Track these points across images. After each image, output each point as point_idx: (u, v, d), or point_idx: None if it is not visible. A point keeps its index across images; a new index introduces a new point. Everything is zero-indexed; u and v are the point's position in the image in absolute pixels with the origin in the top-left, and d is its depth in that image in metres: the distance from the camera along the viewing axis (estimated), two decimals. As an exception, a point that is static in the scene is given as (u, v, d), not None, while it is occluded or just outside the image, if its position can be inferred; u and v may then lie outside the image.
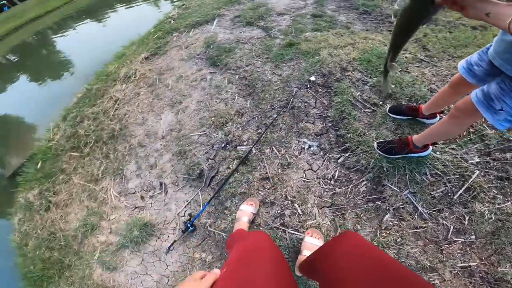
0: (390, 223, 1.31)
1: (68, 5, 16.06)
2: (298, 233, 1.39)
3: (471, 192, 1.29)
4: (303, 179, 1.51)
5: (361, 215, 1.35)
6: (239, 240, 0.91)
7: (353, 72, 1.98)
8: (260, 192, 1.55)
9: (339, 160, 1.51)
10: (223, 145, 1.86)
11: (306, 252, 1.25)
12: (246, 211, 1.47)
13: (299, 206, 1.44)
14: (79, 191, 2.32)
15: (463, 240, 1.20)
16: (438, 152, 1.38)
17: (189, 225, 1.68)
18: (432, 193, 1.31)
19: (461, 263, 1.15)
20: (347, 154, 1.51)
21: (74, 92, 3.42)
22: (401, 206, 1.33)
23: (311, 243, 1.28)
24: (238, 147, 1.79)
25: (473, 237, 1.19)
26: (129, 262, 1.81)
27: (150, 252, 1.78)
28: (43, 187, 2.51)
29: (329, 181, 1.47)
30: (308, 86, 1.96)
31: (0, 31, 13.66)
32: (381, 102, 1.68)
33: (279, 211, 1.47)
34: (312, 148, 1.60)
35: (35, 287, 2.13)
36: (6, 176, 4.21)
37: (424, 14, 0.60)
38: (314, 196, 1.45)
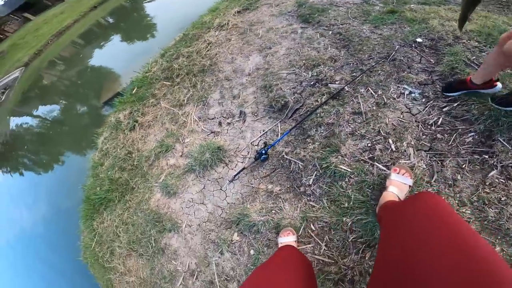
0: (496, 180, 1.19)
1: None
2: (387, 170, 1.34)
3: None
4: (399, 119, 1.46)
5: (463, 166, 1.25)
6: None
7: (468, 41, 1.82)
8: (349, 124, 1.55)
9: (445, 109, 1.42)
10: (312, 82, 1.89)
11: (392, 189, 1.15)
12: (286, 242, 1.35)
13: (393, 143, 1.39)
14: (163, 114, 2.58)
15: None
16: None
17: (263, 151, 1.67)
18: (550, 156, 1.15)
19: None
20: (455, 104, 1.40)
21: (172, 37, 3.81)
22: (511, 165, 1.20)
23: (398, 180, 1.19)
24: (329, 84, 1.80)
25: None
26: (190, 188, 1.90)
27: (213, 180, 1.84)
28: (134, 108, 2.85)
29: (429, 126, 1.39)
30: (413, 45, 1.87)
31: (104, -6, 15.88)
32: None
33: (369, 145, 1.44)
34: (413, 95, 1.53)
35: (93, 211, 2.35)
36: (101, 102, 5.14)
37: None
38: (411, 137, 1.39)
